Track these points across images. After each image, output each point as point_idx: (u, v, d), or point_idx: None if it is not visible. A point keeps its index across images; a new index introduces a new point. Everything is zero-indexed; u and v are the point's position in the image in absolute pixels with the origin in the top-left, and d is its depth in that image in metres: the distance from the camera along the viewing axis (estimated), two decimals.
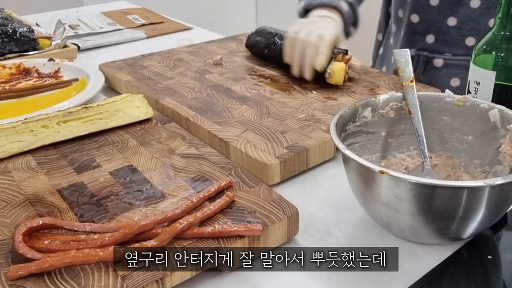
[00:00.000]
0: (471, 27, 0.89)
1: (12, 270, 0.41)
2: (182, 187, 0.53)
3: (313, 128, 0.65)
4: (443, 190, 0.42)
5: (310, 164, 0.62)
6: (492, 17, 0.87)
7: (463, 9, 0.88)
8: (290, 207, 0.49)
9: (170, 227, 0.44)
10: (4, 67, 0.96)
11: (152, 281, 0.41)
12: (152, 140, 0.64)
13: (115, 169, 0.57)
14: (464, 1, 0.88)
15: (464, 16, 0.89)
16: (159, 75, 0.88)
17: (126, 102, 0.71)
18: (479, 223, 0.44)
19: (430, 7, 0.91)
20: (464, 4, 0.88)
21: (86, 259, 0.42)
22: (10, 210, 0.50)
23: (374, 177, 0.45)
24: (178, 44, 1.12)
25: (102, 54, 1.12)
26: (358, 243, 0.49)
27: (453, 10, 0.89)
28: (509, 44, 0.58)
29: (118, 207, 0.50)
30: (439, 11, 0.90)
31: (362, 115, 0.55)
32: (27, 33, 1.04)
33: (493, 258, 0.47)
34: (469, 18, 0.89)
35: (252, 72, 0.88)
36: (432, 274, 0.45)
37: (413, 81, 0.56)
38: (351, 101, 0.74)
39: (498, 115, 0.52)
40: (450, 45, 0.91)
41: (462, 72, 0.91)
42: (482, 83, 0.60)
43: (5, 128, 0.63)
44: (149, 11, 1.47)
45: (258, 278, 0.46)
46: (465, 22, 0.89)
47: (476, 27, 0.88)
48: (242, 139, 0.62)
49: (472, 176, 0.55)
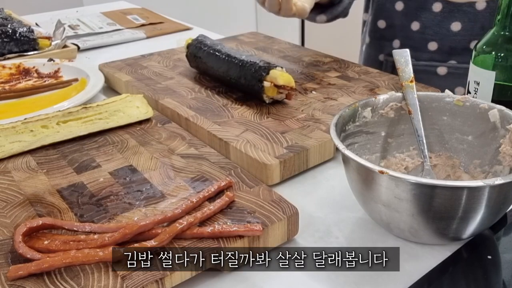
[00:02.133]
0: (433, 31, 0.88)
1: (12, 270, 0.41)
2: (182, 187, 0.53)
3: (313, 128, 0.65)
4: (442, 190, 0.42)
5: (310, 164, 0.62)
6: (454, 21, 0.87)
7: (426, 14, 0.88)
8: (290, 207, 0.49)
9: (170, 227, 0.44)
10: (3, 67, 0.96)
11: (152, 281, 0.41)
12: (152, 140, 0.64)
13: (114, 169, 0.57)
14: (427, 5, 0.87)
15: (428, 20, 0.88)
16: (159, 75, 0.88)
17: (126, 102, 0.71)
18: (479, 223, 0.44)
19: (396, 12, 0.90)
20: (427, 8, 0.87)
21: (86, 259, 0.42)
22: (10, 210, 0.50)
23: (374, 177, 0.45)
24: (178, 44, 1.12)
25: (102, 54, 1.12)
26: (358, 243, 0.49)
27: (417, 14, 0.89)
28: (509, 44, 0.58)
29: (118, 207, 0.50)
30: (404, 15, 0.90)
31: (362, 115, 0.55)
32: (27, 33, 1.04)
33: (493, 258, 0.47)
34: (432, 22, 0.88)
35: None
36: (432, 274, 0.45)
37: (412, 81, 0.56)
38: (351, 101, 0.74)
39: (498, 115, 0.52)
40: (414, 49, 0.90)
41: (426, 78, 0.90)
42: (482, 83, 0.60)
43: (5, 128, 0.63)
44: (149, 11, 1.47)
45: (258, 278, 0.46)
46: (428, 27, 0.88)
47: (438, 31, 0.88)
48: (242, 139, 0.62)
49: (472, 176, 0.55)
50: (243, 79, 0.74)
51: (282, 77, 0.70)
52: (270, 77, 0.71)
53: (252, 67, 0.73)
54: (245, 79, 0.74)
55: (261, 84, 0.71)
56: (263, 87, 0.71)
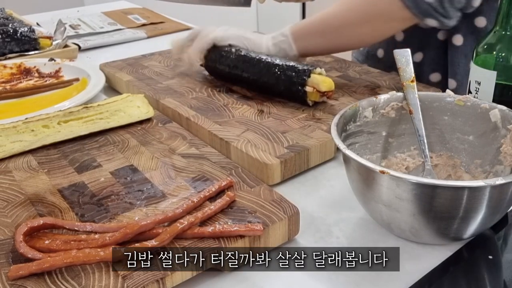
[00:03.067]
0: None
1: (13, 270, 0.41)
2: (183, 187, 0.53)
3: (314, 128, 0.65)
4: (443, 190, 0.42)
5: (311, 164, 0.62)
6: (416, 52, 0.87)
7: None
8: (291, 207, 0.49)
9: (171, 227, 0.44)
10: (5, 67, 0.96)
11: (152, 281, 0.41)
12: (152, 140, 0.64)
13: (115, 169, 0.58)
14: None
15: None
16: (159, 75, 0.88)
17: (127, 102, 0.71)
18: (480, 223, 0.44)
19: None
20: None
21: (86, 259, 0.42)
22: (11, 210, 0.50)
23: (374, 177, 0.45)
24: None
25: (103, 54, 1.12)
26: (358, 243, 0.49)
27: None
28: (510, 44, 0.58)
29: (118, 207, 0.50)
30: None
31: (363, 115, 0.55)
32: (28, 33, 1.04)
33: (494, 258, 0.47)
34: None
35: None
36: (432, 274, 0.44)
37: (413, 81, 0.56)
38: (351, 101, 0.74)
39: (499, 115, 0.52)
40: None
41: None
42: (483, 83, 0.60)
43: (6, 128, 0.64)
44: (149, 11, 1.47)
45: (258, 278, 0.46)
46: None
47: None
48: (243, 139, 0.62)
49: (473, 176, 0.55)
50: (282, 86, 0.72)
51: (324, 83, 0.69)
52: (311, 82, 0.70)
53: (291, 71, 0.71)
54: (283, 85, 0.72)
55: (303, 89, 0.70)
56: (306, 92, 0.70)
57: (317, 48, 0.80)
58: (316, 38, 0.78)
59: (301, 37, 0.78)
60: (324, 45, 0.79)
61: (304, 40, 0.78)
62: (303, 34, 0.78)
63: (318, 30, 0.77)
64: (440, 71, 0.89)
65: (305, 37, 0.78)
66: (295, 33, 0.78)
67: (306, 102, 0.71)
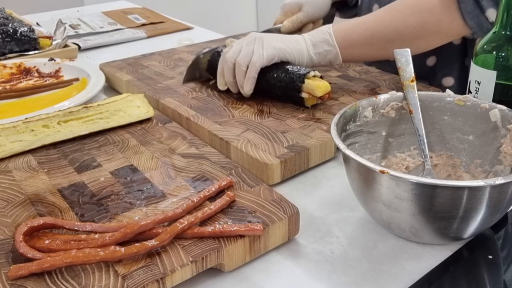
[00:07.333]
0: None
1: (13, 269, 0.41)
2: (183, 186, 0.53)
3: (314, 128, 0.65)
4: (443, 190, 0.42)
5: (311, 163, 0.62)
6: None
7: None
8: (291, 206, 0.49)
9: (171, 227, 0.44)
10: (4, 66, 0.96)
11: (152, 280, 0.41)
12: (152, 139, 0.64)
13: (115, 168, 0.58)
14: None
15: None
16: (159, 74, 0.88)
17: (127, 102, 0.71)
18: (480, 223, 0.44)
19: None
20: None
21: (86, 258, 0.42)
22: (10, 210, 0.50)
23: (374, 177, 0.45)
24: (179, 44, 1.12)
25: (103, 54, 1.12)
26: (358, 243, 0.49)
27: None
28: (510, 44, 0.58)
29: (118, 207, 0.50)
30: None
31: (363, 115, 0.55)
32: (28, 32, 1.04)
33: (493, 258, 0.47)
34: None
35: None
36: (432, 274, 0.44)
37: (413, 81, 0.56)
38: (351, 100, 0.74)
39: (499, 115, 0.52)
40: None
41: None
42: (482, 82, 0.60)
43: (6, 127, 0.64)
44: (149, 11, 1.47)
45: (258, 278, 0.46)
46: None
47: None
48: (243, 139, 0.62)
49: (472, 176, 0.55)
50: (279, 91, 0.72)
51: (319, 88, 0.69)
52: (306, 88, 0.70)
53: (286, 77, 0.71)
54: (280, 91, 0.72)
55: (299, 95, 0.70)
56: (303, 99, 0.70)
57: (363, 57, 0.79)
58: (363, 48, 0.76)
59: (347, 47, 0.76)
60: (370, 55, 0.78)
61: (351, 49, 0.76)
62: (350, 45, 0.76)
63: (366, 40, 0.75)
64: (453, 76, 0.88)
65: (352, 47, 0.76)
66: (342, 42, 0.75)
67: (304, 105, 0.71)
